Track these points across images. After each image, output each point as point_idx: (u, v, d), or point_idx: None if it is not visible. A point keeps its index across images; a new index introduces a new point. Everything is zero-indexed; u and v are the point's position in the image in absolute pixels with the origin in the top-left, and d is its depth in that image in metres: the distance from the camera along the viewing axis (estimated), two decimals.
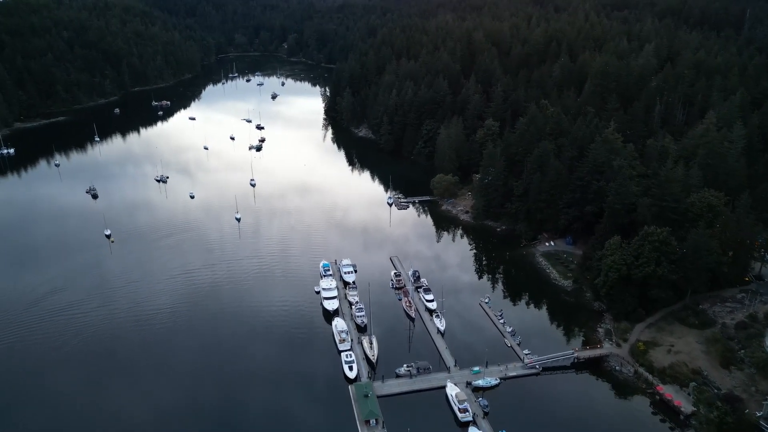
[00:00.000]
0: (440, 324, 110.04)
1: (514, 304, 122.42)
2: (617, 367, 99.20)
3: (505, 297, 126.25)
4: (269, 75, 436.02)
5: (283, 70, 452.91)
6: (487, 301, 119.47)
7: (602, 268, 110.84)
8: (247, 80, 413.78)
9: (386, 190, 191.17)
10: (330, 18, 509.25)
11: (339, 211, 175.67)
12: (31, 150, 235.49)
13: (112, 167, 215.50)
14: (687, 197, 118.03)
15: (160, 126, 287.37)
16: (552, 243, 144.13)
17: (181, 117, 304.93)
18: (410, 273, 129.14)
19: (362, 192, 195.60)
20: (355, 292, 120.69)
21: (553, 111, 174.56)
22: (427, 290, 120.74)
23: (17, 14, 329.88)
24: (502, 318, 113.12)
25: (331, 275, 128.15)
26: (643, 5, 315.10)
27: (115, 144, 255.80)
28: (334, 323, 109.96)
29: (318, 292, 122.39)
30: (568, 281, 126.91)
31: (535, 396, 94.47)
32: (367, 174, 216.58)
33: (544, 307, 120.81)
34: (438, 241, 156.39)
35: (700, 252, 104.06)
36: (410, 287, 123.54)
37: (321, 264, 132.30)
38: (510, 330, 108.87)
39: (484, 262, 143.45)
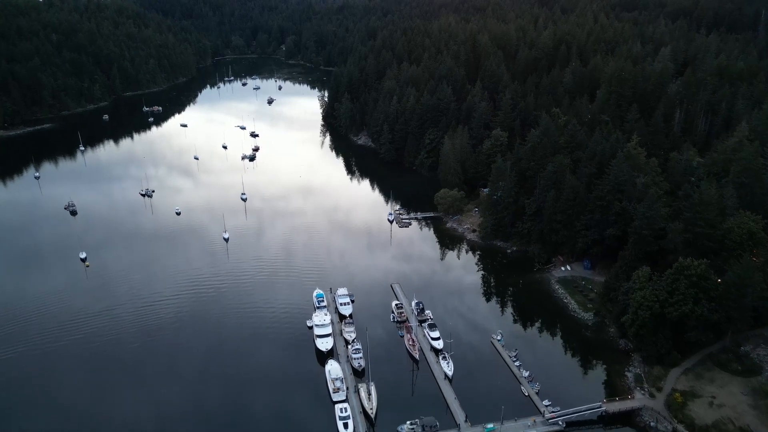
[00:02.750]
0: (448, 368, 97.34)
1: (530, 342, 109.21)
2: (652, 423, 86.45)
3: (518, 331, 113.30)
4: (266, 78, 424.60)
5: (281, 72, 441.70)
6: (499, 338, 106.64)
7: (630, 304, 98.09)
8: (243, 84, 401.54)
9: (386, 201, 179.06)
10: (329, 19, 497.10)
11: (336, 229, 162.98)
12: (12, 160, 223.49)
13: (95, 179, 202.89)
14: (722, 222, 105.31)
15: (150, 133, 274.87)
16: (568, 267, 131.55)
17: (172, 123, 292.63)
18: (413, 304, 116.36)
19: (361, 206, 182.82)
20: (352, 328, 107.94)
21: (566, 120, 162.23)
22: (432, 326, 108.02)
23: (3, 16, 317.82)
24: (517, 360, 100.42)
25: (325, 307, 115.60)
26: (653, 6, 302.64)
27: (101, 153, 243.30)
28: (327, 368, 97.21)
29: (310, 328, 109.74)
30: (589, 314, 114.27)
31: None
32: (366, 185, 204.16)
33: (564, 346, 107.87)
34: (443, 264, 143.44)
35: (745, 288, 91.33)
36: (413, 321, 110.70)
37: (314, 294, 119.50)
38: (527, 375, 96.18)
39: (494, 289, 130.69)
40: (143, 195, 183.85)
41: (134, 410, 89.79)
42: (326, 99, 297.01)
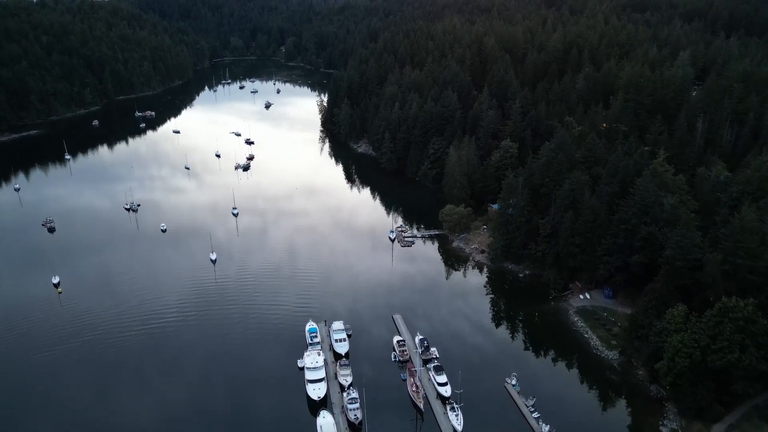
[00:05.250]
0: (457, 421, 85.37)
1: (548, 386, 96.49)
2: None
3: (534, 373, 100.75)
4: (265, 80, 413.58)
5: (280, 75, 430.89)
6: (514, 383, 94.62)
7: (665, 349, 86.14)
8: (241, 87, 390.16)
9: (388, 215, 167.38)
10: (330, 20, 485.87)
11: (332, 246, 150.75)
12: None
13: (79, 191, 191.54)
14: (765, 252, 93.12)
15: (141, 140, 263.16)
16: (587, 295, 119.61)
17: (165, 129, 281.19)
18: (417, 341, 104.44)
19: (360, 221, 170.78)
20: (348, 371, 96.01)
21: (581, 130, 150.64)
22: (438, 368, 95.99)
23: None
24: (535, 410, 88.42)
25: (318, 343, 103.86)
26: (666, 7, 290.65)
27: (88, 162, 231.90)
28: (319, 421, 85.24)
29: (301, 369, 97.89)
30: (614, 352, 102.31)
31: None
32: (366, 197, 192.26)
33: (588, 392, 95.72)
34: (449, 290, 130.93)
35: None
36: (417, 362, 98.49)
37: (307, 327, 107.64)
38: (547, 430, 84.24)
39: (506, 320, 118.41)
40: (128, 209, 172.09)
41: None
42: (325, 104, 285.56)
